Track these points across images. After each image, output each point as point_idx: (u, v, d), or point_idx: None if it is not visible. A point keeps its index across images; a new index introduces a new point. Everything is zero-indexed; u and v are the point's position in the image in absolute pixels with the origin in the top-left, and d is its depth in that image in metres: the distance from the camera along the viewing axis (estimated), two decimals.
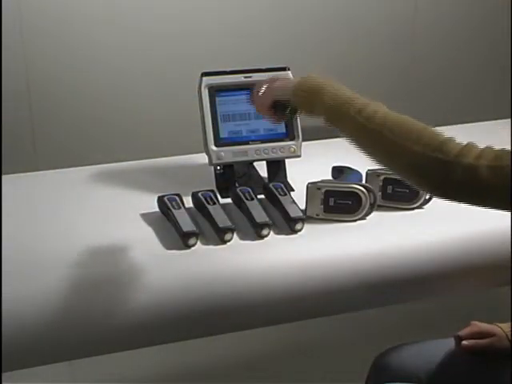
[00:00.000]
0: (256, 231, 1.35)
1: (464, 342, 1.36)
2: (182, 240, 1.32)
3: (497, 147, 1.02)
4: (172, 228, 1.36)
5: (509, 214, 1.02)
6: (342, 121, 1.11)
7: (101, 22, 2.32)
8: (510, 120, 1.17)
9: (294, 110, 1.24)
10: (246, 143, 1.54)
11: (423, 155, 1.02)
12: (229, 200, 1.47)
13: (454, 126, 1.98)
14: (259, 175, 1.61)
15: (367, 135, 1.08)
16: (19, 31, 2.23)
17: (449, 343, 1.40)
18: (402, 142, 1.05)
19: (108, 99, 2.41)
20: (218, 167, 1.56)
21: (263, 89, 1.28)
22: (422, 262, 1.34)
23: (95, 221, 1.42)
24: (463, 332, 1.39)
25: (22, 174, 1.69)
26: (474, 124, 1.96)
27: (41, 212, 1.47)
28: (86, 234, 1.36)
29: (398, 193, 1.45)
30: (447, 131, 1.03)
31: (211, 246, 1.33)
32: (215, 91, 1.52)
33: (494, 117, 1.95)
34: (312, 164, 1.63)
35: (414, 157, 1.04)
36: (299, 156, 1.57)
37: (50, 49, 2.29)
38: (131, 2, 2.33)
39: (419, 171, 1.04)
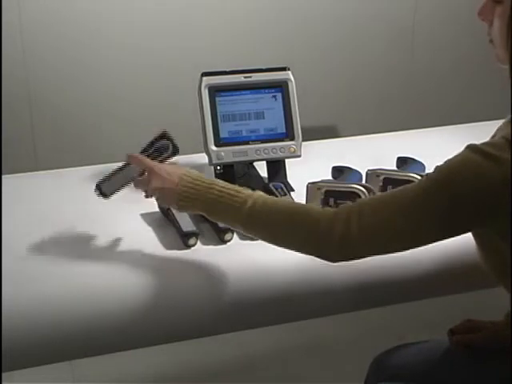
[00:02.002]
0: None
1: (456, 337, 1.36)
2: (182, 240, 1.32)
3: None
4: (172, 228, 1.36)
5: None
6: (227, 212, 1.16)
7: (100, 23, 2.32)
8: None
9: None
10: (246, 143, 1.54)
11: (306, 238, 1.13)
12: None
13: (454, 126, 1.98)
14: (259, 175, 1.61)
15: (253, 222, 1.15)
16: (19, 32, 2.23)
17: (448, 343, 1.40)
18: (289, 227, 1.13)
19: (108, 99, 2.41)
20: (218, 167, 1.56)
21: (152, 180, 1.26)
22: (422, 262, 1.33)
23: (95, 221, 1.42)
24: (456, 327, 1.39)
25: (21, 174, 1.69)
26: (474, 124, 1.96)
27: (40, 212, 1.47)
28: (86, 234, 1.36)
29: None
30: (448, 131, 1.03)
31: (211, 246, 1.34)
32: (215, 91, 1.52)
33: (494, 117, 1.95)
34: (312, 164, 1.63)
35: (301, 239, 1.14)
36: (299, 156, 1.57)
37: (50, 49, 2.29)
38: (130, 4, 2.32)
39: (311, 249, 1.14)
